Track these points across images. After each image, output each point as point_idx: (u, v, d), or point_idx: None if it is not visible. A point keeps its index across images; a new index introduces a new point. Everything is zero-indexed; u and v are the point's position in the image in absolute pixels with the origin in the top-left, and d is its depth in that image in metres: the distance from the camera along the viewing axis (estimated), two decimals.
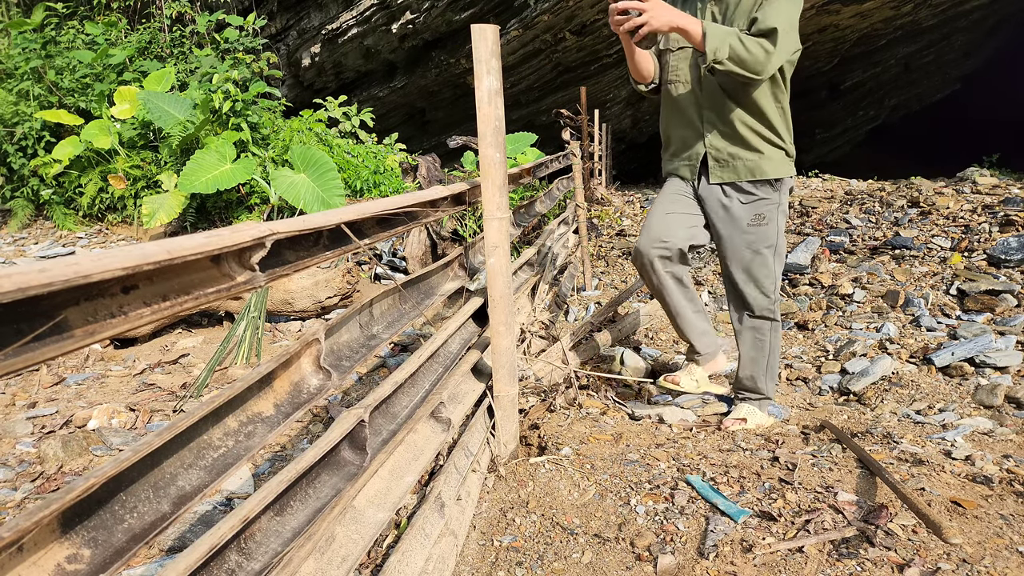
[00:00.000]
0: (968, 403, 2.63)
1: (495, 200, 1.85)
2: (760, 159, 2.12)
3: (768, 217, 2.17)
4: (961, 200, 5.49)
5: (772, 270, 2.23)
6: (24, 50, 6.74)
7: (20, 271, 0.56)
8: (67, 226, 6.59)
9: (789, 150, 2.16)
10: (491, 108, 1.78)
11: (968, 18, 16.56)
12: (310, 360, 1.19)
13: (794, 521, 1.56)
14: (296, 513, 1.10)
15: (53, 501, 0.69)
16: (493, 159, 1.83)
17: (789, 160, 2.16)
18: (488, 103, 1.78)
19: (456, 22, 10.15)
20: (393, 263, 5.56)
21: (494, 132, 1.81)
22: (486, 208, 1.86)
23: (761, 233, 2.19)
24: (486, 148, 1.82)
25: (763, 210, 2.17)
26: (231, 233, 0.85)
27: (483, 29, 1.75)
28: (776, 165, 2.13)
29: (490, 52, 1.76)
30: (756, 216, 2.18)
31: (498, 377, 1.98)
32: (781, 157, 2.14)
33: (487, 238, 1.88)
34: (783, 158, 2.15)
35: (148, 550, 1.83)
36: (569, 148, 4.84)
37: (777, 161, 2.14)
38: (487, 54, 1.76)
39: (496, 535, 1.68)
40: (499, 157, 1.83)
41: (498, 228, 1.87)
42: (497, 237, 1.87)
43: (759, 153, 2.12)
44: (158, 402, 3.02)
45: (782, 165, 2.15)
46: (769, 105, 2.09)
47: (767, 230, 2.18)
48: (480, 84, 1.77)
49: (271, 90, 6.49)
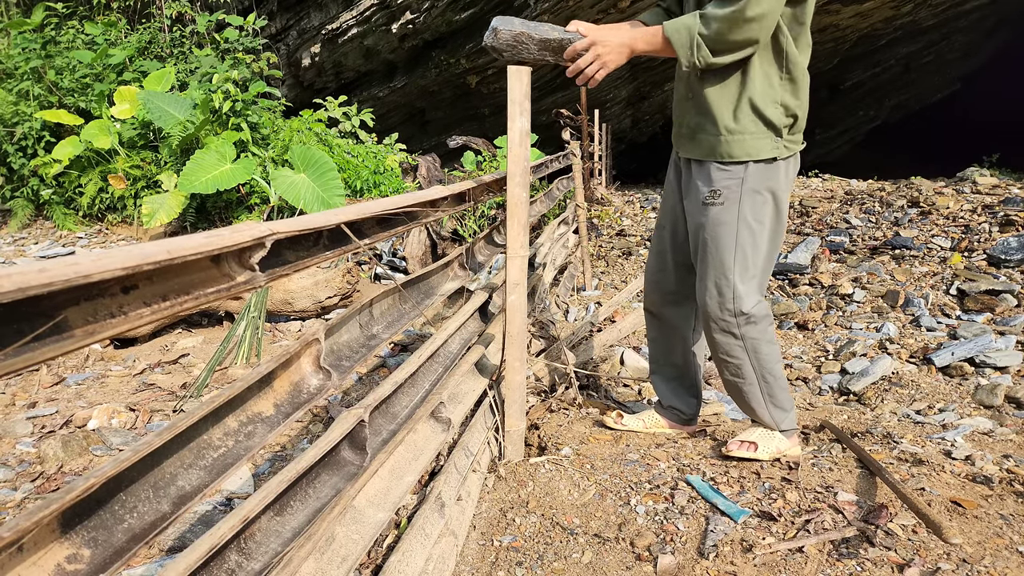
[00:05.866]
0: (968, 403, 2.63)
1: (519, 239, 1.86)
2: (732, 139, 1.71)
3: (727, 197, 1.73)
4: (961, 200, 5.49)
5: (727, 267, 1.75)
6: (24, 50, 6.74)
7: (20, 271, 0.56)
8: (67, 226, 6.58)
9: (778, 124, 1.69)
10: (521, 149, 1.79)
11: (968, 18, 16.56)
12: (310, 360, 1.19)
13: (794, 521, 1.56)
14: (296, 513, 1.10)
15: (53, 501, 0.69)
16: (520, 198, 1.83)
17: (774, 138, 1.70)
18: (519, 144, 1.78)
19: (456, 22, 10.14)
20: (393, 263, 5.56)
21: (523, 172, 1.81)
22: (510, 246, 1.87)
23: (714, 216, 1.75)
24: (514, 187, 1.82)
25: (722, 186, 1.73)
26: (231, 233, 0.85)
27: (519, 71, 1.72)
28: (748, 144, 1.70)
29: (524, 94, 1.74)
30: (711, 192, 1.75)
31: (510, 412, 2.00)
32: (761, 132, 1.70)
33: (509, 275, 1.89)
34: (763, 134, 1.70)
35: (148, 550, 1.83)
36: (569, 148, 4.84)
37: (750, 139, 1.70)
38: (521, 96, 1.74)
39: (496, 535, 1.68)
40: (525, 196, 1.84)
41: (520, 266, 1.88)
42: (518, 275, 1.88)
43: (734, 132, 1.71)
44: (158, 402, 3.02)
45: (757, 143, 1.70)
46: (757, 73, 1.67)
47: (722, 212, 1.73)
48: (512, 125, 1.76)
49: (271, 90, 6.50)
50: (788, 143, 1.72)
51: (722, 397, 2.61)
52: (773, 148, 1.71)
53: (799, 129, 1.75)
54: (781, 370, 1.87)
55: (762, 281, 1.81)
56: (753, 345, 1.81)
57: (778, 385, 1.87)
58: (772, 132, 1.70)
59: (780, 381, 1.87)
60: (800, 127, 1.75)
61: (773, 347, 1.84)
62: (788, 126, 1.71)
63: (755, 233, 1.74)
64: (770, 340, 1.83)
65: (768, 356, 1.83)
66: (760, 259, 1.77)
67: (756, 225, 1.74)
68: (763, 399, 1.87)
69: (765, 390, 1.87)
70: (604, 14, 10.08)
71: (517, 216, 1.84)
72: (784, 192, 1.77)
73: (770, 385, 1.86)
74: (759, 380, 1.85)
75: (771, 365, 1.84)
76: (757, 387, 1.86)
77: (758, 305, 1.78)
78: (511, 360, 1.94)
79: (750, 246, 1.74)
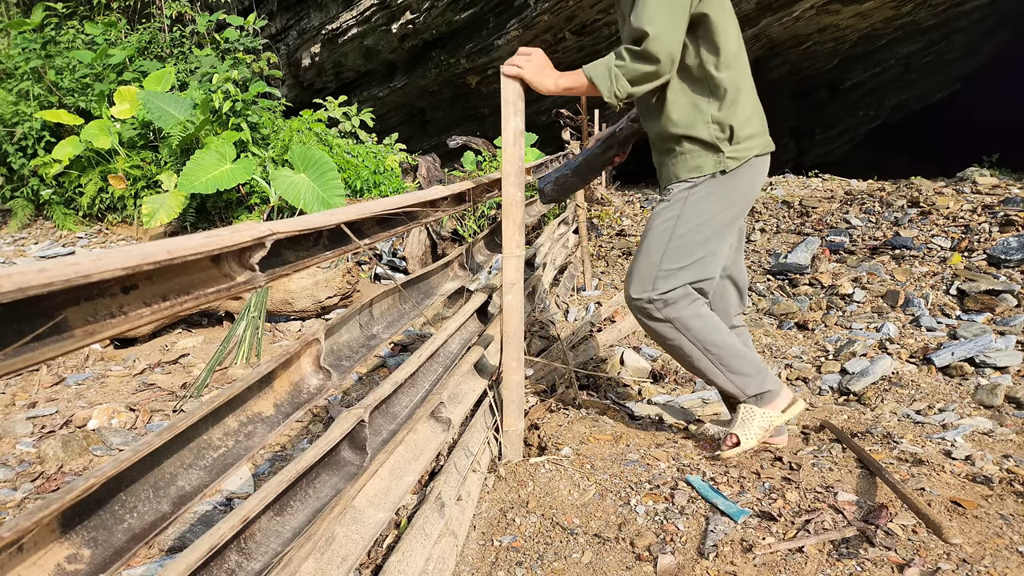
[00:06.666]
0: (968, 403, 2.63)
1: (515, 239, 1.86)
2: (677, 161, 1.87)
3: (674, 196, 1.87)
4: (961, 200, 5.49)
5: (653, 260, 1.87)
6: (24, 50, 6.73)
7: (20, 271, 0.56)
8: (67, 226, 6.58)
9: (714, 141, 1.80)
10: (516, 149, 1.80)
11: (968, 18, 16.55)
12: (310, 360, 1.19)
13: (794, 521, 1.56)
14: (296, 513, 1.10)
15: (53, 501, 0.69)
16: (515, 198, 1.84)
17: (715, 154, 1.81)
18: (513, 144, 1.79)
19: (456, 22, 10.14)
20: (393, 263, 5.56)
21: (517, 172, 1.82)
22: (506, 246, 1.87)
23: (657, 211, 1.90)
24: (509, 187, 1.83)
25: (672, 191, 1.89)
26: (231, 233, 0.85)
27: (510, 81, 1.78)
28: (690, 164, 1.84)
29: (517, 94, 1.77)
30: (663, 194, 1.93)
31: (508, 412, 2.00)
32: (699, 152, 1.83)
33: (504, 276, 1.89)
34: (701, 153, 1.82)
35: (148, 550, 1.83)
36: (569, 148, 4.84)
37: (691, 159, 1.83)
38: (514, 96, 1.77)
39: (496, 535, 1.68)
40: (520, 196, 1.85)
41: (516, 266, 1.88)
42: (514, 275, 1.89)
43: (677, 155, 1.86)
44: (158, 402, 3.02)
45: (698, 161, 1.83)
46: (679, 100, 1.82)
47: (665, 209, 1.88)
48: (507, 125, 1.78)
49: (271, 90, 6.49)
50: (733, 155, 1.81)
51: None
52: (715, 164, 1.82)
53: (747, 136, 1.82)
54: (726, 339, 1.91)
55: (690, 276, 1.86)
56: (681, 323, 1.88)
57: (727, 353, 1.91)
58: (711, 151, 1.81)
59: (727, 349, 1.91)
60: (747, 134, 1.82)
61: (703, 320, 1.89)
62: (726, 139, 1.80)
63: (689, 234, 1.84)
64: (697, 315, 1.89)
65: (701, 328, 1.89)
66: (687, 256, 1.85)
67: (692, 224, 1.84)
68: (718, 370, 1.93)
69: (715, 361, 1.92)
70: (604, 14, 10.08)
71: (512, 216, 1.85)
72: (740, 198, 1.86)
73: (717, 356, 1.91)
74: (704, 353, 1.91)
75: (709, 336, 1.90)
76: (706, 359, 1.92)
77: (674, 291, 1.86)
78: (508, 360, 1.94)
79: (680, 240, 1.84)
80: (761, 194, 7.37)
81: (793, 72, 15.34)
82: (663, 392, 2.82)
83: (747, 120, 1.82)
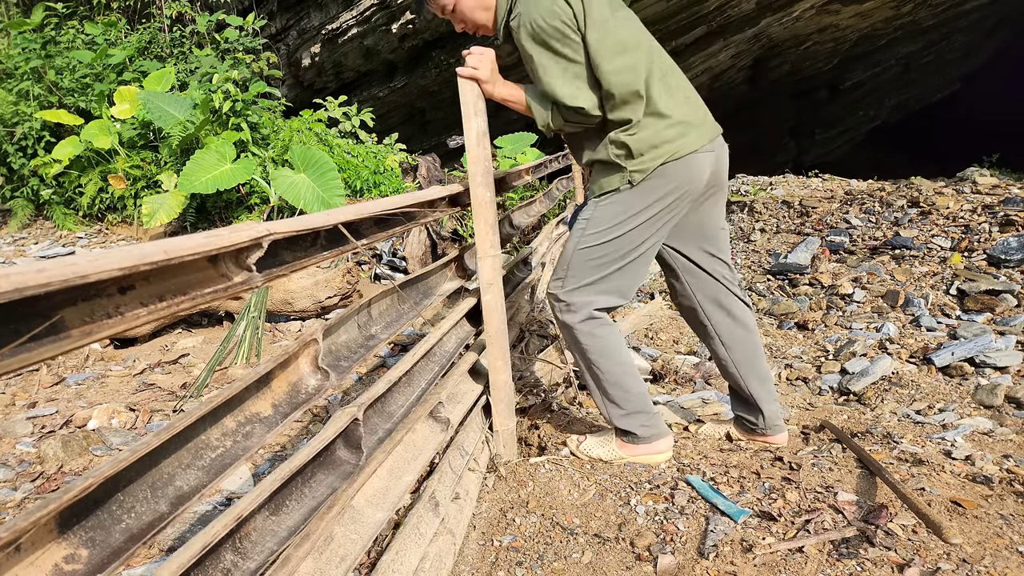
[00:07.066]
0: (968, 403, 2.63)
1: (488, 238, 1.86)
2: (593, 180, 1.90)
3: (587, 207, 1.91)
4: (961, 200, 5.49)
5: (565, 255, 1.88)
6: (24, 50, 6.74)
7: (18, 271, 0.56)
8: (67, 226, 6.58)
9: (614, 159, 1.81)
10: (480, 149, 1.81)
11: (968, 18, 16.55)
12: (308, 360, 1.19)
13: (794, 521, 1.56)
14: (292, 512, 1.10)
15: (50, 501, 0.69)
16: (484, 198, 1.84)
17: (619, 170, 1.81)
18: (477, 144, 1.80)
19: None
20: (393, 263, 5.56)
21: (484, 172, 1.83)
22: (479, 247, 1.87)
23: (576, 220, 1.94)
24: (476, 188, 1.83)
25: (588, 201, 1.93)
26: (229, 233, 0.85)
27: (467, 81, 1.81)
28: (602, 182, 1.86)
29: (476, 94, 1.80)
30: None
31: (497, 411, 1.99)
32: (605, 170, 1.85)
33: (481, 276, 1.89)
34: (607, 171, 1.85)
35: (147, 550, 1.83)
36: (568, 148, 4.84)
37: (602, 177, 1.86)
38: (473, 96, 1.79)
39: (496, 535, 1.68)
40: (489, 196, 1.85)
41: (492, 265, 1.88)
42: (491, 275, 1.88)
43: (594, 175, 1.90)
44: (158, 402, 3.02)
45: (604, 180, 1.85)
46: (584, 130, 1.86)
47: (584, 211, 1.90)
48: (468, 125, 1.80)
49: (271, 90, 6.49)
50: (637, 167, 1.79)
51: (722, 397, 2.60)
52: (621, 180, 1.82)
53: (650, 147, 1.78)
54: (614, 367, 1.89)
55: (596, 299, 1.86)
56: (576, 332, 1.87)
57: (609, 380, 1.89)
58: (616, 169, 1.82)
59: (612, 376, 1.89)
60: (649, 145, 1.78)
61: (596, 340, 1.87)
62: (624, 156, 1.80)
63: (598, 233, 1.84)
64: (592, 334, 1.87)
65: (591, 347, 1.87)
66: (597, 271, 1.85)
67: (601, 228, 1.84)
68: (596, 389, 1.93)
69: (596, 381, 1.92)
70: None
71: (483, 216, 1.84)
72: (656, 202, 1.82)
73: (599, 377, 1.90)
74: (587, 368, 1.91)
75: (597, 358, 1.88)
76: (588, 375, 1.93)
77: (580, 300, 1.85)
78: (493, 360, 1.93)
79: (589, 242, 1.84)
80: (761, 194, 7.36)
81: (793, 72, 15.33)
82: (663, 392, 2.82)
83: (655, 133, 1.78)
